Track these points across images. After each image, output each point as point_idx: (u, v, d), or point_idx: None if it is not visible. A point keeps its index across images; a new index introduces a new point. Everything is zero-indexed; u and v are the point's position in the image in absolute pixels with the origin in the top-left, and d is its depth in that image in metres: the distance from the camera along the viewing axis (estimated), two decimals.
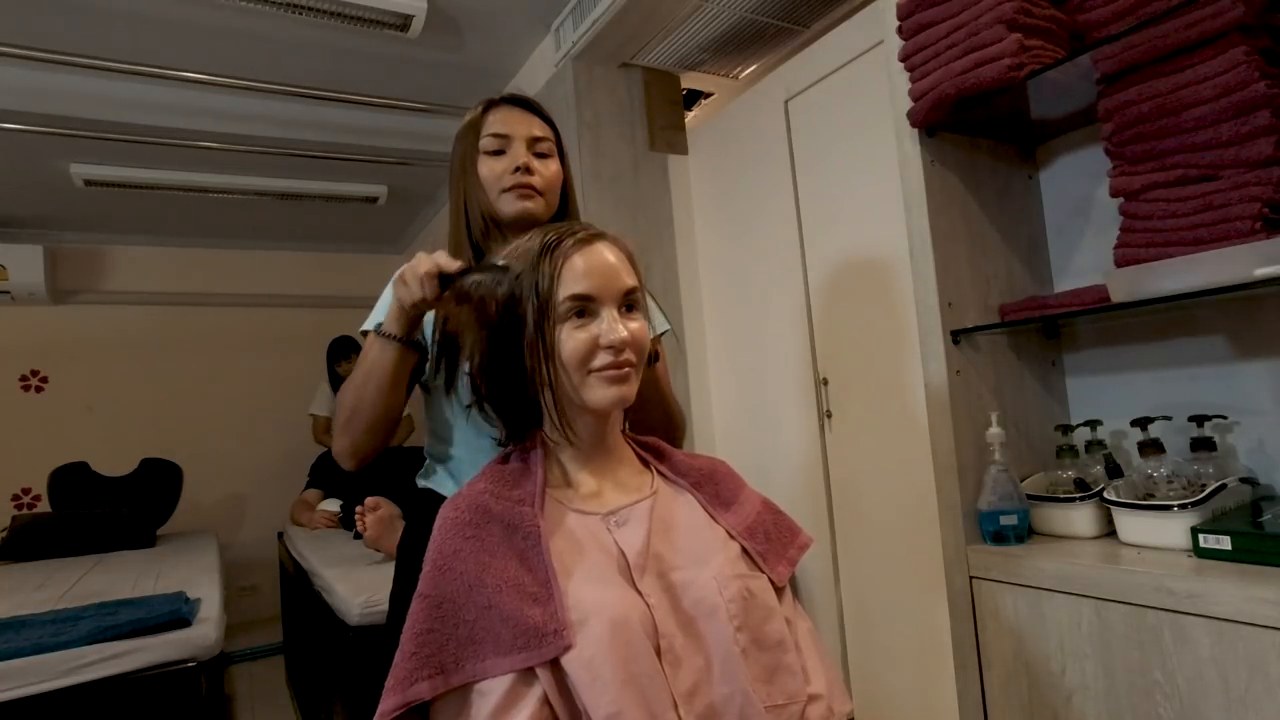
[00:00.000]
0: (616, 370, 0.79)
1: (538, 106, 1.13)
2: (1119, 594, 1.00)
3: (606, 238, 0.84)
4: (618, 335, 0.78)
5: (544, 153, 1.10)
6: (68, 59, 1.78)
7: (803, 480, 1.79)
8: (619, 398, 0.80)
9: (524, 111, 1.11)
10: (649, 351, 0.85)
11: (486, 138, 1.07)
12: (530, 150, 1.08)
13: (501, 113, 1.10)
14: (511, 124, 1.08)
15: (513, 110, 1.11)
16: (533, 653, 0.68)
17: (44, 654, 1.56)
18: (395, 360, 0.97)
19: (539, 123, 1.11)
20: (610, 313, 0.80)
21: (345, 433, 1.01)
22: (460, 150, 1.11)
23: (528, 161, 1.06)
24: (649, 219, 2.12)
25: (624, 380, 0.80)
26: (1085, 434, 1.28)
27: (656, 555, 0.78)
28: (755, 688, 0.73)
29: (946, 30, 1.17)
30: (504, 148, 1.07)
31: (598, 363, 0.79)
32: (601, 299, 0.80)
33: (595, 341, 0.78)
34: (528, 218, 1.06)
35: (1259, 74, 0.94)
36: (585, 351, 0.78)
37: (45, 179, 2.93)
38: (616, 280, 0.81)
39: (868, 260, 1.61)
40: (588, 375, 0.79)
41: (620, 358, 0.79)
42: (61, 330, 3.70)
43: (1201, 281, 0.97)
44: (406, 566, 1.12)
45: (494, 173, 1.06)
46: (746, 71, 2.31)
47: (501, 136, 1.07)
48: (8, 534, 3.05)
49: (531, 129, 1.09)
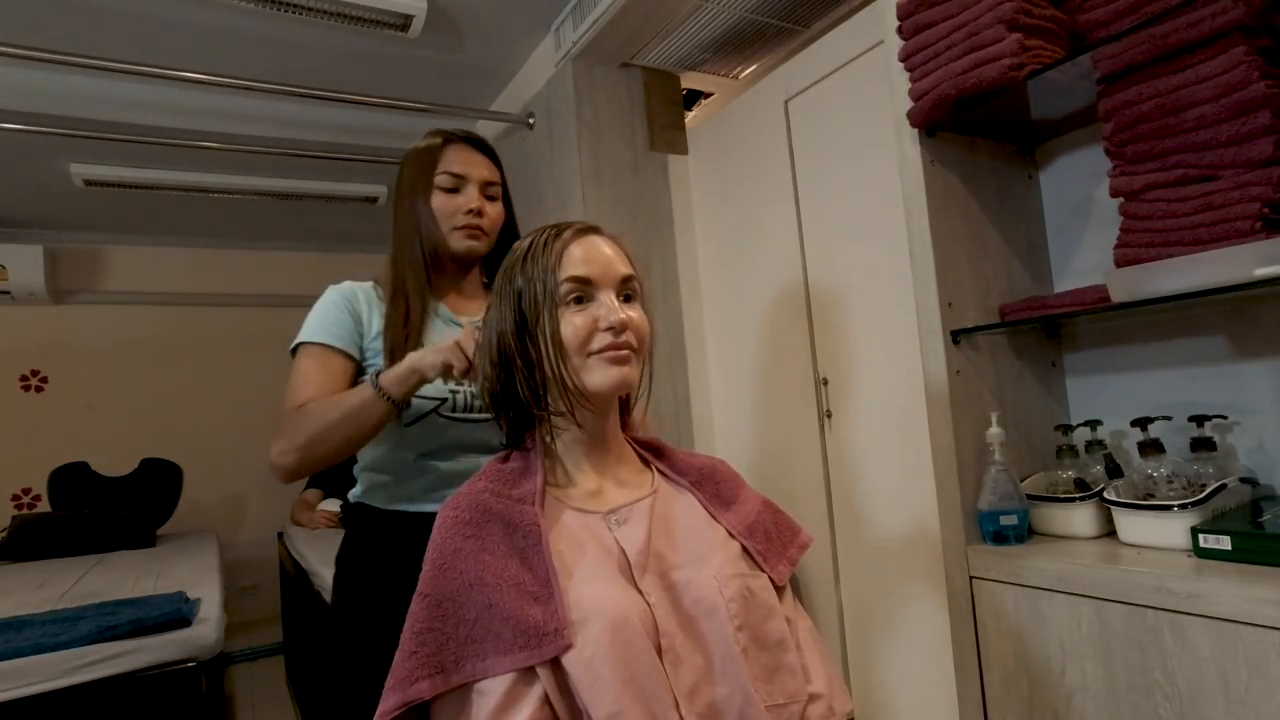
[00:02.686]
0: (616, 351, 0.79)
1: (491, 150, 1.22)
2: (1119, 594, 1.00)
3: (603, 232, 0.86)
4: (616, 316, 0.79)
5: (493, 195, 1.19)
6: (68, 59, 1.78)
7: (803, 480, 1.79)
8: (620, 379, 0.80)
9: (479, 154, 1.19)
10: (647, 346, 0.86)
11: (443, 174, 1.15)
12: (482, 193, 1.17)
13: (459, 152, 1.17)
14: (468, 165, 1.16)
15: (470, 151, 1.18)
16: (533, 652, 0.68)
17: (44, 654, 1.56)
18: (383, 420, 1.01)
19: (491, 166, 1.20)
20: (608, 296, 0.81)
21: (293, 454, 1.01)
22: (412, 175, 1.17)
23: (481, 205, 1.16)
24: (649, 219, 2.12)
25: (625, 361, 0.80)
26: (1085, 434, 1.28)
27: (657, 554, 0.79)
28: (756, 687, 0.73)
29: (946, 30, 1.17)
30: (459, 186, 1.16)
31: (597, 344, 0.79)
32: (599, 283, 0.81)
33: (594, 324, 0.79)
34: (473, 255, 1.18)
35: (1259, 74, 0.94)
36: (585, 334, 0.79)
37: (45, 179, 2.92)
38: (613, 267, 0.82)
39: (868, 260, 1.61)
40: (588, 358, 0.79)
41: (620, 339, 0.79)
42: (61, 330, 3.70)
43: (1201, 281, 0.97)
44: (345, 581, 1.15)
45: (448, 210, 1.15)
46: (746, 71, 2.31)
47: (458, 176, 1.15)
48: (8, 534, 3.05)
49: (485, 172, 1.18)
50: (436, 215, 1.15)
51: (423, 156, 1.17)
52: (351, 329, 1.11)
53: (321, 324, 1.11)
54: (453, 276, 1.20)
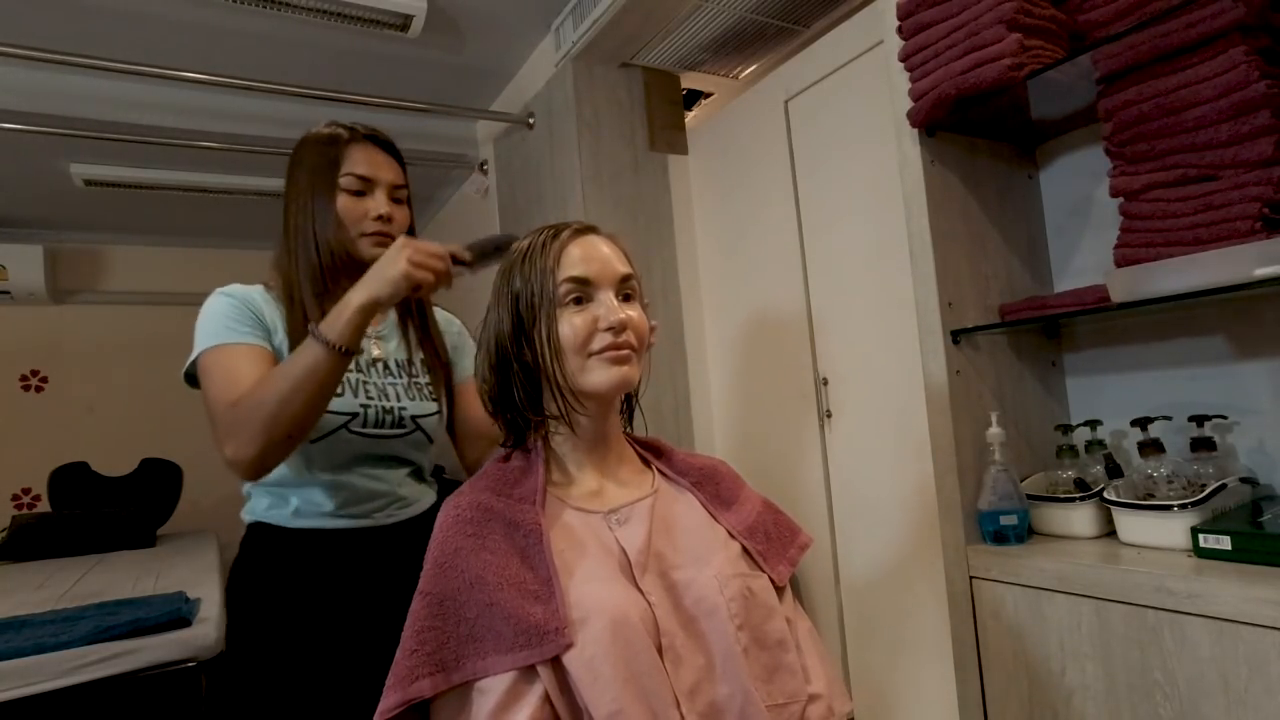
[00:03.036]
0: (617, 351, 0.79)
1: (397, 150, 1.14)
2: (1119, 594, 1.00)
3: (600, 232, 0.86)
4: (616, 316, 0.79)
5: (400, 199, 1.12)
6: (68, 59, 1.78)
7: (803, 480, 1.79)
8: (621, 379, 0.80)
9: (386, 155, 1.11)
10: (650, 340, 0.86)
11: (349, 176, 1.07)
12: (389, 197, 1.10)
13: (365, 152, 1.09)
14: (375, 167, 1.09)
15: (376, 152, 1.10)
16: (534, 651, 0.68)
17: (44, 654, 1.56)
18: (339, 375, 0.94)
19: (397, 168, 1.12)
20: (608, 296, 0.80)
21: (252, 444, 0.91)
22: (311, 172, 1.08)
23: (391, 211, 1.08)
24: (649, 219, 2.12)
25: (625, 361, 0.80)
26: (1085, 434, 1.28)
27: (657, 554, 0.79)
28: (756, 687, 0.73)
29: (946, 30, 1.17)
30: (366, 190, 1.08)
31: (597, 344, 0.79)
32: (598, 283, 0.80)
33: (594, 324, 0.79)
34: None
35: (1259, 74, 0.94)
36: (585, 334, 0.79)
37: (45, 179, 2.92)
38: (611, 267, 0.82)
39: (868, 260, 1.61)
40: (588, 359, 0.79)
41: (620, 338, 0.79)
42: (61, 330, 3.70)
43: (1201, 281, 0.97)
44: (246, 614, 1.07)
45: (355, 214, 1.07)
46: (746, 71, 2.31)
47: (366, 179, 1.08)
48: (8, 534, 3.05)
49: (392, 175, 1.11)
50: (343, 219, 1.06)
51: (322, 153, 1.08)
52: (261, 328, 1.03)
53: (226, 325, 1.01)
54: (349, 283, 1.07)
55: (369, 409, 1.06)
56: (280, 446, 0.93)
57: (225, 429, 0.93)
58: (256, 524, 1.09)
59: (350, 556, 1.06)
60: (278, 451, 0.93)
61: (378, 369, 1.11)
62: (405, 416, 1.10)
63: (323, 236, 1.06)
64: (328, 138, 1.10)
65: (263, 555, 1.07)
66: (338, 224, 1.06)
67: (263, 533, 1.07)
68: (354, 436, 1.05)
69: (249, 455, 0.92)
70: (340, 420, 1.04)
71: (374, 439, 1.07)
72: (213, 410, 0.96)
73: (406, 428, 1.10)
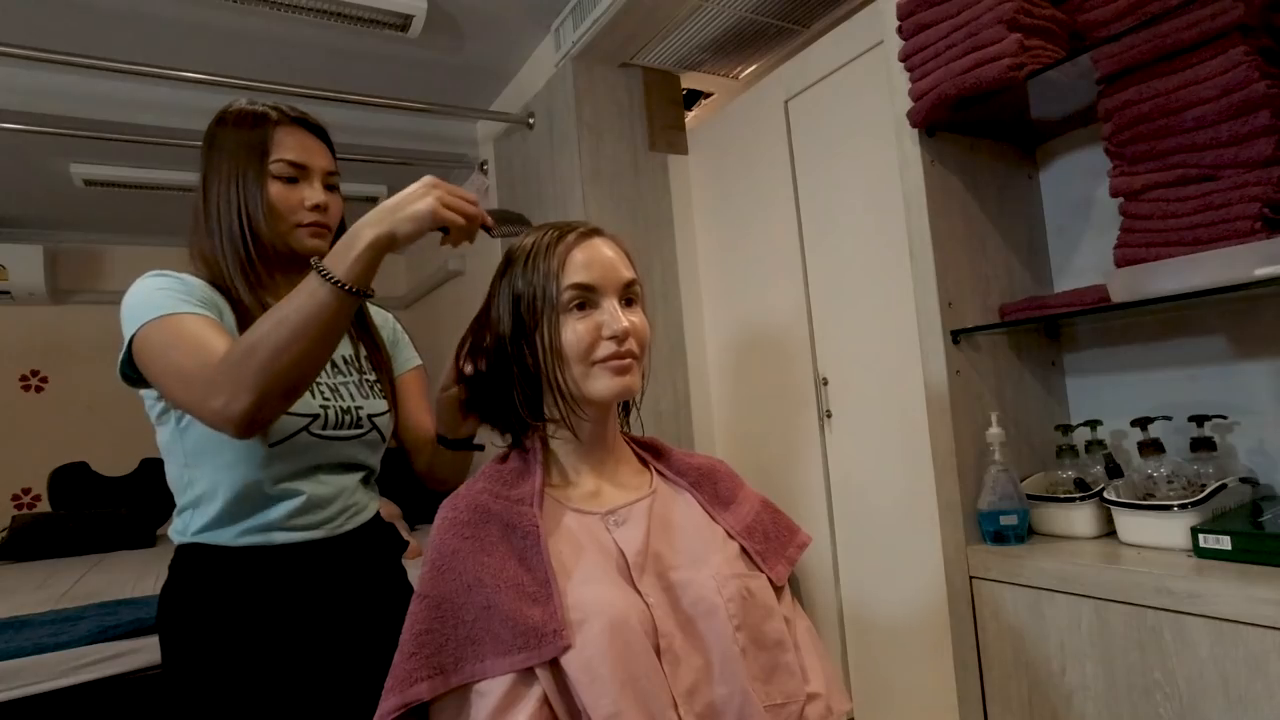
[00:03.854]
0: (620, 360, 0.79)
1: (327, 134, 1.06)
2: (1119, 594, 1.00)
3: (604, 234, 0.85)
4: (620, 325, 0.78)
5: (333, 186, 1.04)
6: (68, 59, 1.78)
7: (803, 480, 1.79)
8: (623, 388, 0.80)
9: (317, 140, 1.04)
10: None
11: (280, 163, 0.98)
12: (324, 185, 1.02)
13: (296, 136, 1.01)
14: (307, 153, 1.01)
15: (307, 136, 1.02)
16: (532, 653, 0.68)
17: (44, 654, 1.56)
18: (345, 315, 0.82)
19: (329, 154, 1.05)
20: (611, 303, 0.80)
21: (244, 395, 0.78)
22: (235, 156, 0.98)
23: (327, 201, 1.01)
24: (649, 219, 2.12)
25: (627, 371, 0.80)
26: (1085, 434, 1.28)
27: (655, 555, 0.78)
28: (754, 687, 0.73)
29: (946, 30, 1.17)
30: (300, 177, 1.00)
31: (600, 353, 0.79)
32: (603, 290, 0.80)
33: (598, 332, 0.79)
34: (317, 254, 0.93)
35: (1259, 74, 0.94)
36: (588, 342, 0.78)
37: (45, 179, 2.92)
38: (616, 272, 0.81)
39: (868, 260, 1.61)
40: (591, 366, 0.79)
41: (623, 347, 0.79)
42: (61, 330, 3.70)
43: (1201, 281, 0.97)
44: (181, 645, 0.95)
45: (289, 204, 0.99)
46: (746, 71, 2.31)
47: (298, 166, 0.99)
48: (8, 534, 3.05)
49: (325, 162, 1.03)
50: (274, 209, 0.97)
51: (247, 136, 0.99)
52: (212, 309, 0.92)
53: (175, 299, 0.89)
54: (282, 275, 1.02)
55: (329, 409, 0.98)
56: (278, 401, 0.82)
57: (208, 383, 0.80)
58: (191, 546, 0.97)
59: (304, 574, 0.97)
60: (274, 406, 0.82)
61: (327, 367, 1.02)
62: (362, 416, 1.02)
63: (254, 226, 0.97)
64: (253, 117, 1.00)
65: (199, 584, 0.95)
66: (271, 214, 0.97)
67: (200, 556, 0.96)
68: (314, 440, 0.96)
69: (241, 408, 0.78)
70: (301, 423, 0.95)
71: (333, 441, 0.99)
72: (185, 372, 0.83)
73: (364, 427, 1.03)
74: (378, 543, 1.08)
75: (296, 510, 0.96)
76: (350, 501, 1.03)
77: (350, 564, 1.01)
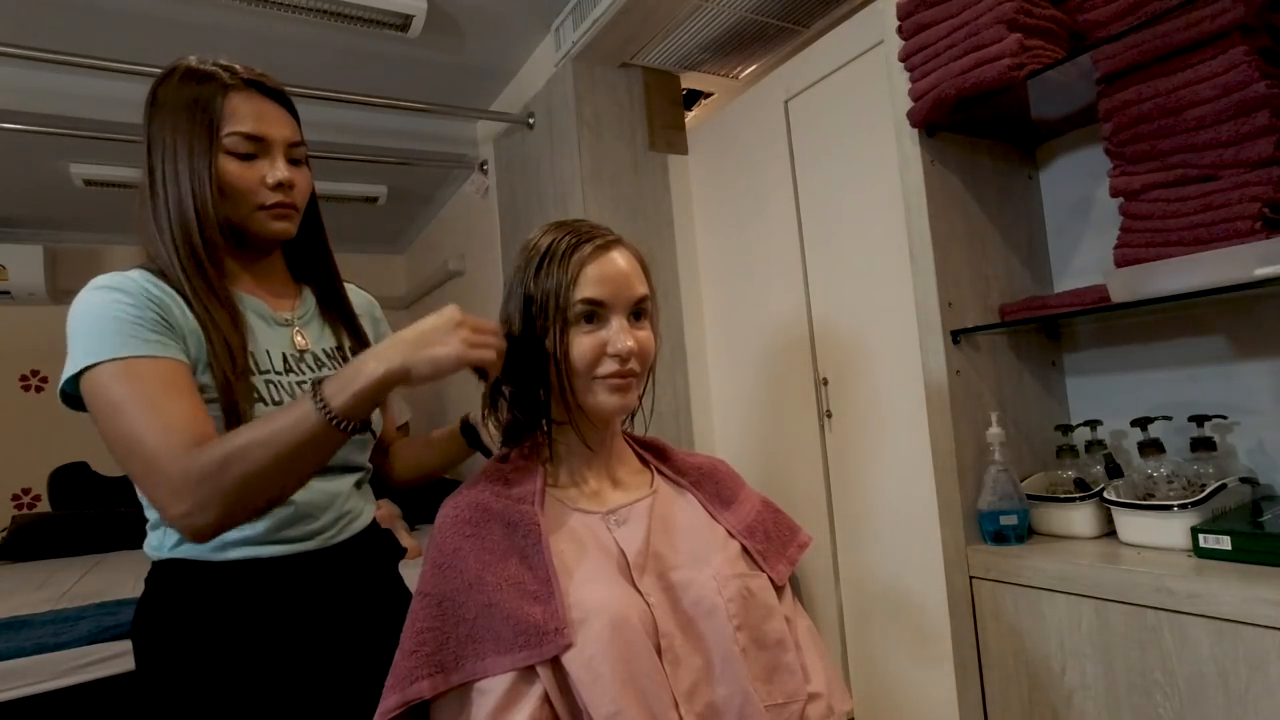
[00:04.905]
0: (620, 380, 0.80)
1: (288, 99, 0.93)
2: (1119, 594, 1.00)
3: (622, 243, 0.84)
4: (624, 344, 0.79)
5: (298, 159, 0.92)
6: (68, 59, 1.78)
7: (803, 480, 1.79)
8: (620, 406, 0.81)
9: (277, 105, 0.90)
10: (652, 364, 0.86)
11: (235, 136, 0.86)
12: (286, 159, 0.90)
13: (254, 104, 0.88)
14: (266, 123, 0.88)
15: (264, 103, 0.89)
16: (533, 651, 0.68)
17: (44, 654, 1.56)
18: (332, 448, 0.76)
19: (292, 121, 0.92)
20: (619, 321, 0.80)
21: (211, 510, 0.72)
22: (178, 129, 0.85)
23: (290, 175, 0.89)
24: (649, 219, 2.12)
25: (626, 390, 0.81)
26: (1085, 434, 1.28)
27: (656, 554, 0.79)
28: (755, 687, 0.73)
29: (946, 30, 1.17)
30: (258, 152, 0.88)
31: (603, 370, 0.79)
32: (612, 306, 0.80)
33: (603, 348, 0.79)
34: (284, 238, 0.92)
35: (1259, 74, 0.94)
36: (592, 357, 0.79)
37: (45, 179, 2.92)
38: (628, 288, 0.81)
39: (868, 260, 1.61)
40: (592, 381, 0.80)
41: (625, 367, 0.79)
42: (61, 330, 3.67)
43: (1201, 281, 0.97)
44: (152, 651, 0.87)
45: (248, 183, 0.87)
46: (746, 71, 2.31)
47: (256, 139, 0.87)
48: (8, 534, 3.05)
49: (288, 131, 0.91)
50: (231, 189, 0.86)
51: (192, 105, 0.85)
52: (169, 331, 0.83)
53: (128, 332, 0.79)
54: (247, 264, 0.93)
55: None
56: (244, 518, 0.76)
57: (172, 488, 0.72)
58: (169, 562, 0.87)
59: (296, 590, 0.88)
60: (239, 521, 0.76)
61: (308, 362, 0.94)
62: None
63: (206, 209, 0.85)
64: (200, 75, 0.87)
65: (187, 598, 0.86)
66: (225, 195, 0.86)
67: (181, 571, 0.87)
68: None
69: (205, 522, 0.72)
70: None
71: None
72: (144, 449, 0.74)
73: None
74: (374, 552, 1.00)
75: (285, 521, 0.88)
76: (344, 509, 0.94)
77: (345, 577, 0.93)
